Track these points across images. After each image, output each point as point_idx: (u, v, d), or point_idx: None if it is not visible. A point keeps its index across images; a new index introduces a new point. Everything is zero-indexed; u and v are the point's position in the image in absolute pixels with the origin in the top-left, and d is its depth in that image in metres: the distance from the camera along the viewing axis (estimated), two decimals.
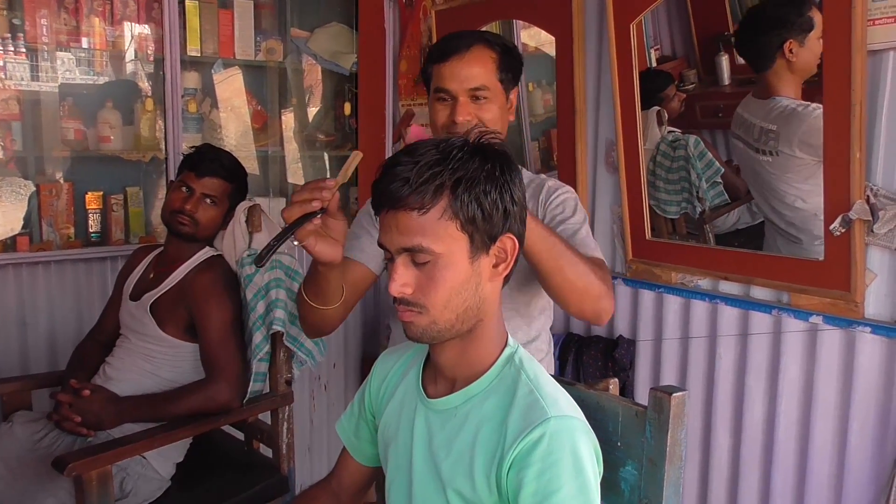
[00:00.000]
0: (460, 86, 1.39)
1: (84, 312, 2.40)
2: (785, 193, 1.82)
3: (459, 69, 1.39)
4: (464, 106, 1.39)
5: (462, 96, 1.39)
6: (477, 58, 1.40)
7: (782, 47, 1.71)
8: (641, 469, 1.03)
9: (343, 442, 1.25)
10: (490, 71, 1.40)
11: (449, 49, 1.40)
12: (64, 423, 1.76)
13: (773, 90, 1.78)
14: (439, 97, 1.41)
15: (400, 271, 0.97)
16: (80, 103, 2.46)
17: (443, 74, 1.40)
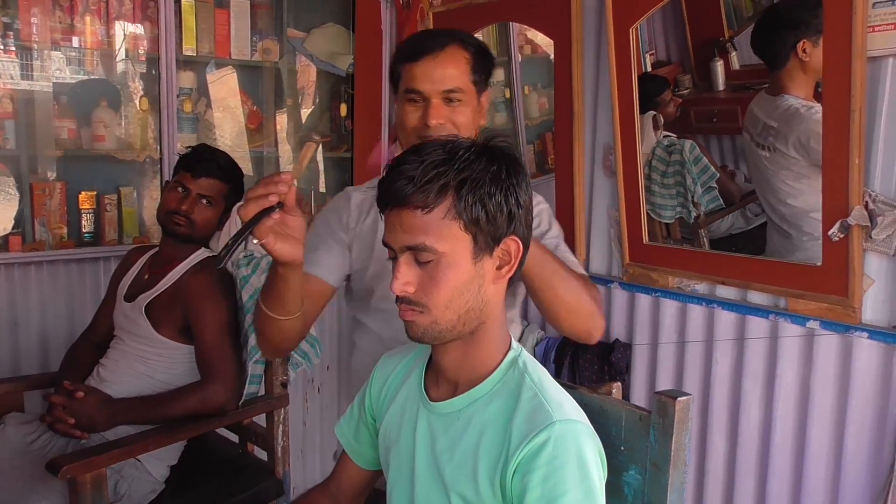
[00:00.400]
0: (433, 87, 1.33)
1: (77, 313, 2.37)
2: (779, 189, 1.85)
3: (433, 69, 1.33)
4: (437, 108, 1.33)
5: (435, 98, 1.33)
6: (451, 58, 1.34)
7: (796, 47, 1.73)
8: (645, 473, 1.02)
9: (342, 445, 1.24)
10: (464, 72, 1.35)
11: (422, 48, 1.34)
12: (57, 425, 1.74)
13: (783, 88, 1.81)
14: (410, 98, 1.35)
15: (402, 270, 0.97)
16: (73, 102, 2.44)
17: (415, 74, 1.33)
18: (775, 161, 1.84)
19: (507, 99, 2.72)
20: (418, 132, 1.33)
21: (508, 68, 2.69)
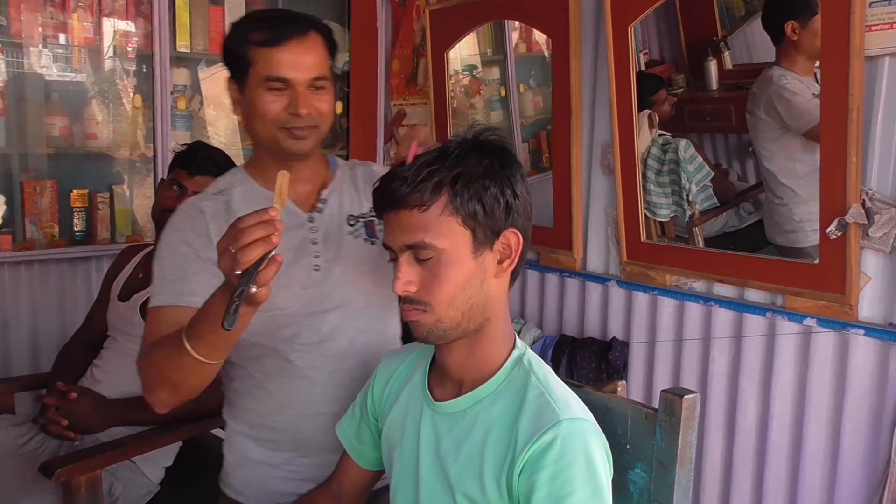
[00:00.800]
0: (300, 75, 1.24)
1: (68, 313, 2.35)
2: (760, 154, 1.92)
3: (300, 56, 1.24)
4: (305, 97, 1.25)
5: (302, 86, 1.25)
6: (316, 44, 1.27)
7: (785, 27, 1.81)
8: (651, 472, 1.02)
9: (343, 445, 1.23)
10: (325, 59, 1.29)
11: (283, 31, 1.25)
12: (50, 426, 1.72)
13: (777, 62, 1.87)
14: (272, 86, 1.24)
15: (404, 269, 0.97)
16: (65, 99, 2.41)
17: (279, 60, 1.23)
18: (753, 124, 1.93)
19: (503, 97, 2.72)
20: (281, 122, 1.26)
21: (504, 67, 2.69)
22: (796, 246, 1.85)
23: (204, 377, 1.14)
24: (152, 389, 1.18)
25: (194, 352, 1.07)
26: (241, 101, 1.30)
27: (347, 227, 1.37)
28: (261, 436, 1.35)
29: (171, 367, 1.13)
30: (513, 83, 2.66)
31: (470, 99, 2.71)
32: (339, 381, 1.34)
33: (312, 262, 1.32)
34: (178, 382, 1.14)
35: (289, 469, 1.35)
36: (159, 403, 1.19)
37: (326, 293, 1.32)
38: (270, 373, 1.32)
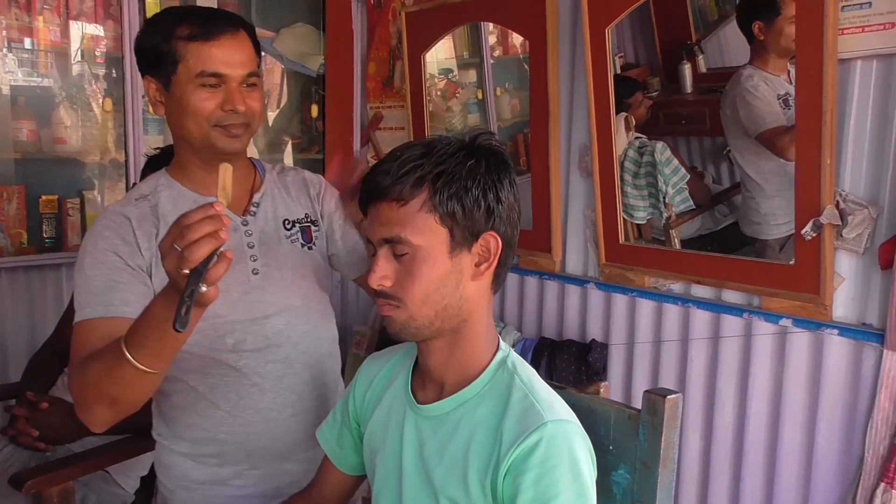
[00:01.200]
0: (235, 71, 1.21)
1: (38, 321, 2.30)
2: (731, 148, 1.98)
3: (235, 51, 1.22)
4: (240, 93, 1.22)
5: (235, 82, 1.22)
6: (245, 40, 1.24)
7: (752, 27, 1.85)
8: (634, 472, 1.02)
9: (325, 451, 1.22)
10: (254, 57, 1.26)
11: (216, 27, 1.21)
12: (20, 437, 1.67)
13: (750, 60, 1.90)
14: (206, 82, 1.20)
15: (380, 263, 0.96)
16: (32, 103, 2.37)
17: (213, 56, 1.20)
18: (725, 121, 1.98)
19: (480, 100, 2.72)
20: (216, 120, 1.22)
21: (480, 69, 2.70)
22: (760, 237, 1.90)
23: (145, 389, 1.08)
24: (87, 407, 1.10)
25: (136, 362, 1.01)
26: (166, 101, 1.24)
27: (284, 230, 1.35)
28: (205, 452, 1.31)
29: (111, 381, 1.05)
30: (490, 86, 2.66)
31: (447, 102, 2.71)
32: (289, 385, 1.33)
33: (250, 265, 1.29)
34: (117, 397, 1.07)
35: (236, 484, 1.32)
36: (96, 422, 1.11)
37: (267, 298, 1.29)
38: (216, 384, 1.28)
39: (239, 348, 1.27)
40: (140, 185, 1.32)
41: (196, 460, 1.32)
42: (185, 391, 1.29)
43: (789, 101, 1.78)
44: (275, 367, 1.30)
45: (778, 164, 1.79)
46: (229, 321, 1.26)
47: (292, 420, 1.34)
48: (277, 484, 1.34)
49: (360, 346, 2.69)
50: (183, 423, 1.31)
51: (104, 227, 1.24)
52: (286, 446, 1.34)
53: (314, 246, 1.39)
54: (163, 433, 1.35)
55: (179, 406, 1.30)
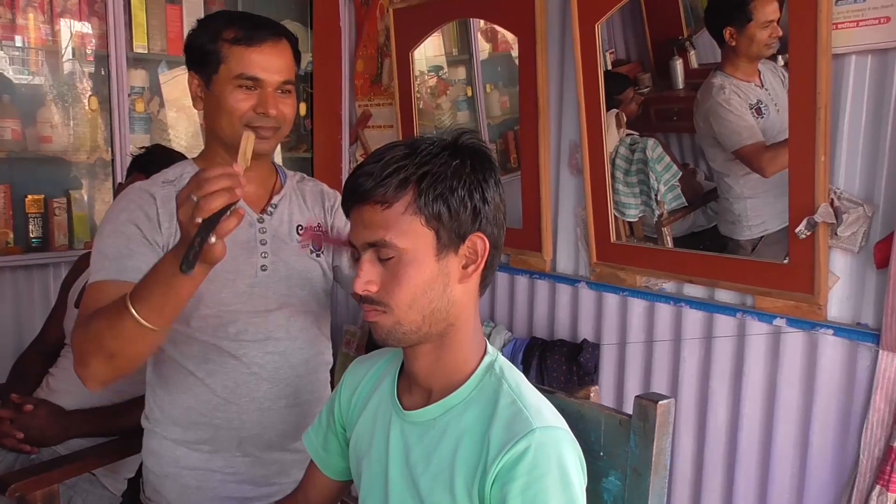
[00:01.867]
0: (272, 77, 1.29)
1: (24, 322, 2.28)
2: (704, 152, 1.97)
3: (275, 58, 1.30)
4: (274, 98, 1.30)
5: (272, 87, 1.30)
6: (286, 49, 1.33)
7: (724, 33, 1.84)
8: (625, 479, 1.00)
9: (311, 455, 1.20)
10: (293, 66, 1.35)
11: (258, 33, 1.29)
12: (5, 440, 1.67)
13: (721, 66, 1.88)
14: (243, 84, 1.29)
15: (365, 268, 0.94)
16: (17, 101, 2.34)
17: (253, 60, 1.28)
18: (698, 127, 1.98)
19: (469, 97, 2.69)
20: (248, 120, 1.29)
21: (470, 66, 2.67)
22: (732, 237, 1.90)
23: (144, 347, 1.12)
24: (85, 361, 1.14)
25: (139, 315, 1.05)
26: (205, 97, 1.33)
27: (296, 235, 1.42)
28: (197, 438, 1.37)
29: (111, 334, 1.10)
30: (479, 83, 2.64)
31: (436, 99, 2.69)
32: (284, 378, 1.39)
33: (260, 261, 1.36)
34: (115, 351, 1.11)
35: (227, 472, 1.38)
36: (92, 377, 1.15)
37: (271, 294, 1.36)
38: (215, 370, 1.34)
39: (240, 337, 1.34)
40: (167, 171, 1.38)
41: (188, 446, 1.37)
42: (184, 375, 1.35)
43: (762, 109, 1.78)
44: (273, 359, 1.37)
45: (748, 170, 1.81)
46: (233, 310, 1.33)
47: (286, 411, 1.40)
48: (266, 472, 1.40)
49: (350, 345, 2.68)
50: (179, 406, 1.36)
51: (129, 200, 1.31)
52: (277, 436, 1.40)
53: (321, 254, 1.45)
54: (156, 418, 1.40)
55: (177, 389, 1.36)
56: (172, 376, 1.37)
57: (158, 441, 1.40)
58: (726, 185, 1.88)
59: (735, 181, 1.86)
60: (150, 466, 1.41)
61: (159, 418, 1.39)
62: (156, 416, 1.40)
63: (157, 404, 1.40)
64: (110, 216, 1.30)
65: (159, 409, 1.39)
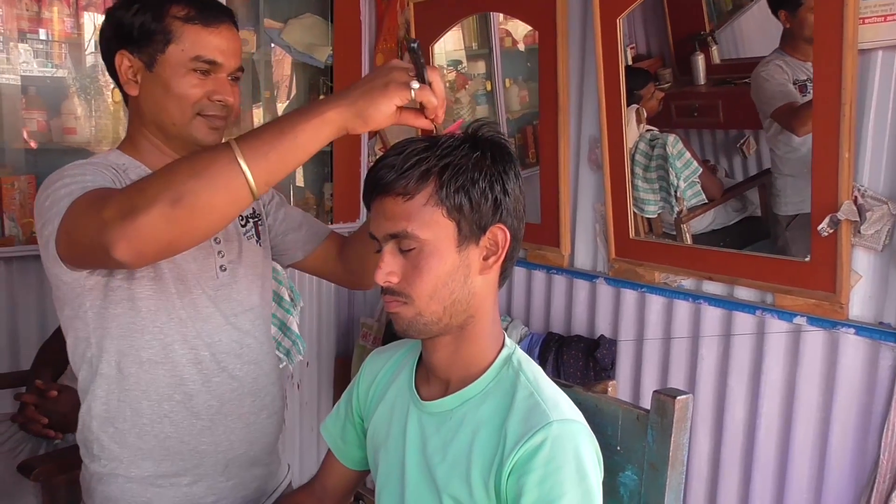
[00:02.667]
0: (231, 62, 1.18)
1: (48, 310, 2.30)
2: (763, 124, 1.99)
3: (231, 41, 1.19)
4: (229, 85, 1.19)
5: (226, 73, 1.19)
6: (237, 35, 1.21)
7: (779, 14, 1.87)
8: (642, 474, 1.00)
9: (328, 445, 1.21)
10: (241, 52, 1.24)
11: (217, 15, 1.18)
12: (30, 425, 1.68)
13: (780, 45, 1.90)
14: (199, 67, 1.16)
15: (387, 259, 0.95)
16: (43, 94, 2.36)
17: (212, 43, 1.16)
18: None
19: (488, 92, 2.69)
20: (200, 108, 1.18)
21: (489, 61, 2.67)
22: (772, 210, 1.95)
23: (222, 201, 0.93)
24: (133, 210, 0.91)
25: (241, 154, 0.91)
26: (143, 79, 1.17)
27: (240, 227, 1.32)
28: (177, 469, 1.22)
29: (189, 173, 0.92)
30: (499, 77, 2.64)
31: (455, 93, 2.69)
32: (263, 387, 1.31)
33: (217, 261, 1.25)
34: (188, 191, 0.90)
35: (209, 502, 1.26)
36: (127, 237, 0.91)
37: (234, 296, 1.27)
38: (195, 391, 1.22)
39: (215, 349, 1.23)
40: (99, 158, 1.23)
41: (161, 484, 1.21)
42: (156, 401, 1.20)
43: (808, 86, 1.77)
44: (250, 370, 1.28)
45: (790, 148, 1.85)
46: (204, 317, 1.22)
47: (266, 423, 1.32)
48: (246, 492, 1.31)
49: (367, 338, 2.69)
50: (152, 437, 1.20)
51: (87, 163, 1.17)
52: (259, 450, 1.32)
53: (262, 241, 1.36)
54: (115, 456, 1.21)
55: (150, 419, 1.20)
56: (141, 405, 1.19)
57: (120, 486, 1.21)
58: (773, 160, 1.94)
59: (779, 157, 1.90)
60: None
61: (120, 456, 1.20)
62: (112, 454, 1.21)
63: (117, 440, 1.20)
64: (75, 165, 1.13)
65: (118, 446, 1.20)
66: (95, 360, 1.20)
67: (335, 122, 0.95)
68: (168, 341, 1.20)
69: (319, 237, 1.43)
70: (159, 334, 1.19)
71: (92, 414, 1.22)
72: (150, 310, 1.18)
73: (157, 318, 1.18)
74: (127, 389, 1.19)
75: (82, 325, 1.19)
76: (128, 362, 1.19)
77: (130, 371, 1.19)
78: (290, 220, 1.42)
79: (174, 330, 1.20)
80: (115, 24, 1.18)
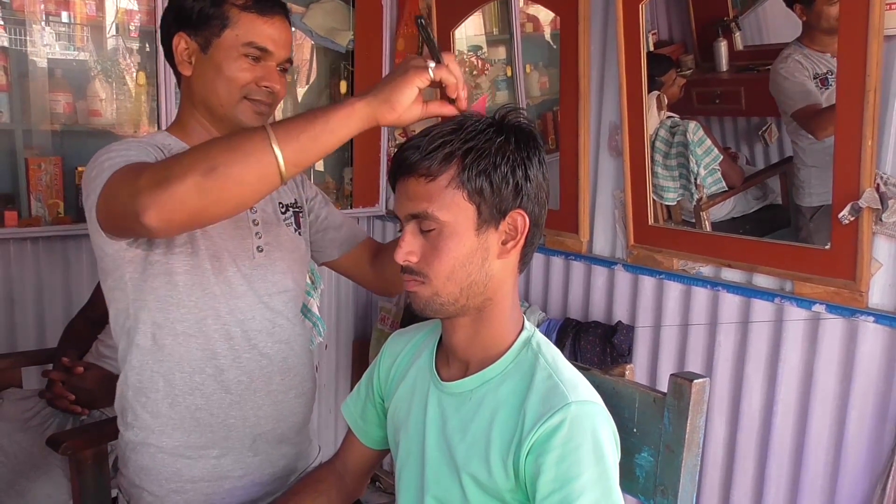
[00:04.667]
0: (281, 52, 1.24)
1: (73, 289, 2.35)
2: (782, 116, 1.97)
3: (283, 33, 1.24)
4: (276, 73, 1.25)
5: (276, 62, 1.25)
6: (289, 28, 1.27)
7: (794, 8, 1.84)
8: (658, 456, 1.02)
9: (349, 424, 1.24)
10: (291, 45, 1.29)
11: (273, 6, 1.24)
12: (57, 401, 1.73)
13: (800, 37, 1.88)
14: (250, 53, 1.21)
15: (407, 238, 0.97)
16: (69, 76, 2.39)
17: (265, 31, 1.22)
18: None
19: (509, 77, 2.69)
20: (248, 91, 1.23)
21: (510, 46, 2.66)
22: (795, 201, 1.92)
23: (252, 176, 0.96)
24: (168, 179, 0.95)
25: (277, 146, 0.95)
26: (198, 61, 1.23)
27: (280, 213, 1.37)
28: (204, 442, 1.26)
29: (224, 147, 0.96)
30: (519, 63, 2.63)
31: (476, 79, 2.69)
32: (292, 366, 1.34)
33: (255, 242, 1.30)
34: (221, 163, 0.94)
35: (237, 476, 1.29)
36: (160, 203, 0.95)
37: (269, 277, 1.31)
38: (226, 366, 1.26)
39: (247, 326, 1.27)
40: (155, 136, 1.29)
41: (191, 455, 1.26)
42: (188, 373, 1.24)
43: (829, 79, 1.75)
44: (280, 348, 1.32)
45: (812, 139, 1.82)
46: (238, 294, 1.26)
47: (295, 402, 1.36)
48: (274, 469, 1.35)
49: (386, 321, 2.71)
50: (184, 408, 1.24)
51: (133, 140, 1.22)
52: (289, 429, 1.36)
53: (303, 232, 1.41)
54: (147, 426, 1.26)
55: (181, 390, 1.24)
56: (174, 376, 1.24)
57: (152, 455, 1.26)
58: (796, 150, 1.91)
59: (802, 149, 1.87)
60: (144, 486, 1.27)
61: (152, 425, 1.25)
62: (145, 423, 1.25)
63: (150, 410, 1.25)
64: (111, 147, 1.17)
65: (151, 415, 1.25)
66: (132, 331, 1.24)
67: (363, 111, 0.98)
68: (202, 316, 1.23)
69: (356, 240, 1.50)
70: (194, 308, 1.23)
71: (128, 383, 1.26)
72: (186, 284, 1.22)
73: (192, 292, 1.22)
74: (161, 361, 1.24)
75: (122, 296, 1.24)
76: (163, 334, 1.23)
77: (165, 343, 1.23)
78: (330, 219, 1.48)
79: (208, 305, 1.24)
80: (177, 7, 1.25)
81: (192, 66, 1.25)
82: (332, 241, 1.48)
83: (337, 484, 1.23)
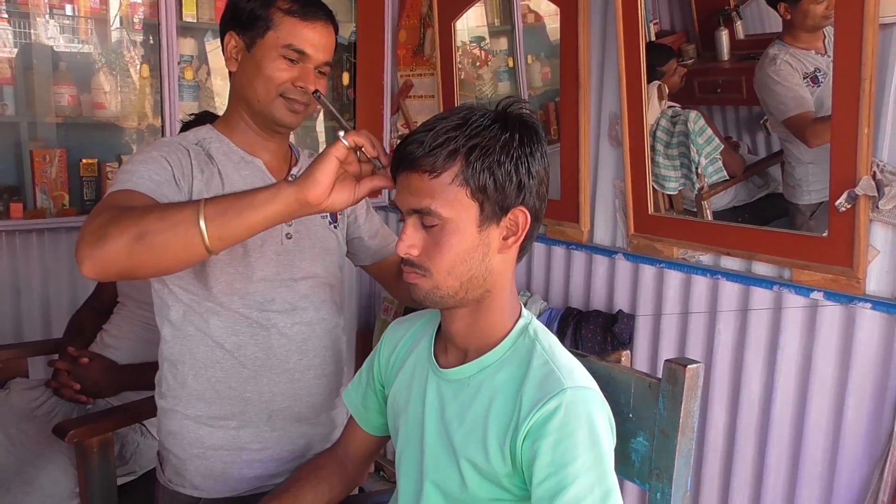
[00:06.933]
0: (319, 55, 1.30)
1: (78, 280, 2.38)
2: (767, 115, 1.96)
3: (324, 37, 1.31)
4: (314, 76, 1.31)
5: (313, 65, 1.30)
6: (332, 33, 1.34)
7: (778, 7, 1.83)
8: (653, 440, 1.03)
9: (350, 411, 1.25)
10: (333, 50, 1.35)
11: (315, 11, 1.30)
12: (63, 390, 1.76)
13: (781, 36, 1.87)
14: (288, 55, 1.28)
15: (408, 232, 0.98)
16: (73, 69, 2.41)
17: (304, 35, 1.29)
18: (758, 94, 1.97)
19: (511, 68, 2.69)
20: (284, 90, 1.29)
21: (511, 37, 2.66)
22: (793, 201, 1.89)
23: (178, 246, 1.03)
24: (105, 236, 1.01)
25: (203, 221, 1.01)
26: (242, 59, 1.32)
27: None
28: (224, 413, 1.33)
29: (157, 216, 1.03)
30: (521, 54, 2.63)
31: (477, 70, 2.69)
32: (312, 348, 1.39)
33: (284, 229, 1.35)
34: (150, 230, 1.01)
35: (254, 448, 1.35)
36: (94, 257, 1.01)
37: (296, 262, 1.37)
38: (244, 342, 1.32)
39: (268, 307, 1.33)
40: (195, 132, 1.37)
41: (212, 424, 1.34)
42: (209, 348, 1.32)
43: (819, 77, 1.75)
44: (300, 329, 1.37)
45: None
46: (262, 277, 1.32)
47: (314, 383, 1.40)
48: (293, 447, 1.40)
49: (388, 312, 2.73)
50: (205, 380, 1.33)
51: (165, 145, 1.30)
52: (306, 408, 1.40)
53: (339, 226, 1.47)
54: (176, 395, 1.35)
55: (203, 363, 1.33)
56: (198, 350, 1.33)
57: (179, 421, 1.35)
58: (788, 150, 1.89)
59: (795, 147, 1.86)
60: (170, 448, 1.37)
61: (180, 394, 1.35)
62: (175, 392, 1.35)
63: (178, 380, 1.35)
64: (145, 150, 1.28)
65: (180, 385, 1.35)
66: (166, 308, 1.35)
67: (287, 190, 1.04)
68: (227, 293, 1.31)
69: (387, 251, 1.55)
70: (217, 288, 1.30)
71: (163, 356, 1.38)
72: (213, 264, 1.29)
73: (218, 273, 1.30)
74: (189, 335, 1.33)
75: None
76: (191, 311, 1.32)
77: (192, 319, 1.33)
78: (368, 227, 1.54)
79: (230, 286, 1.31)
80: (233, 7, 1.33)
81: (237, 63, 1.33)
82: (365, 249, 1.54)
83: (338, 470, 1.25)
